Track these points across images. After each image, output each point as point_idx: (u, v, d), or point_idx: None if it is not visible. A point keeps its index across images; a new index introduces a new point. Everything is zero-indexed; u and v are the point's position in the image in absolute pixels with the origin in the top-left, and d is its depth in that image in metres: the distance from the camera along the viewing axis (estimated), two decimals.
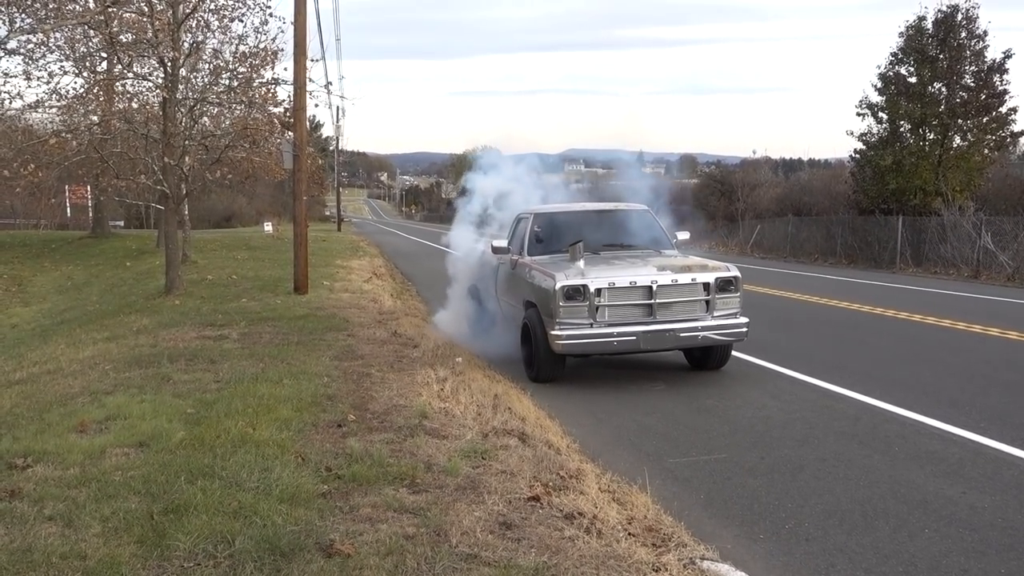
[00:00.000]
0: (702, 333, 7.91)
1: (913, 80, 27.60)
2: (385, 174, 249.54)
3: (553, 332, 7.69)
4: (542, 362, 8.13)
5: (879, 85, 28.19)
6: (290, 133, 15.82)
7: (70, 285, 24.08)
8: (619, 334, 7.73)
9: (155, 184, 15.84)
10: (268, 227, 39.84)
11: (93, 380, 7.88)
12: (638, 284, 7.82)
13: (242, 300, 14.19)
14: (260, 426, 5.66)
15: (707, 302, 8.00)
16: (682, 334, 7.86)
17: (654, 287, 7.80)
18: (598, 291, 7.73)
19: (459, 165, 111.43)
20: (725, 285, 8.06)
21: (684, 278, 7.94)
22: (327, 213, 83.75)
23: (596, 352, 8.01)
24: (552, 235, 8.89)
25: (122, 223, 52.82)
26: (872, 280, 20.38)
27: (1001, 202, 23.80)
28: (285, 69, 16.00)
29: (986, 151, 26.96)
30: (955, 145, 26.93)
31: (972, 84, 26.73)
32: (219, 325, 11.30)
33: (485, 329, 10.84)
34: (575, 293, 7.66)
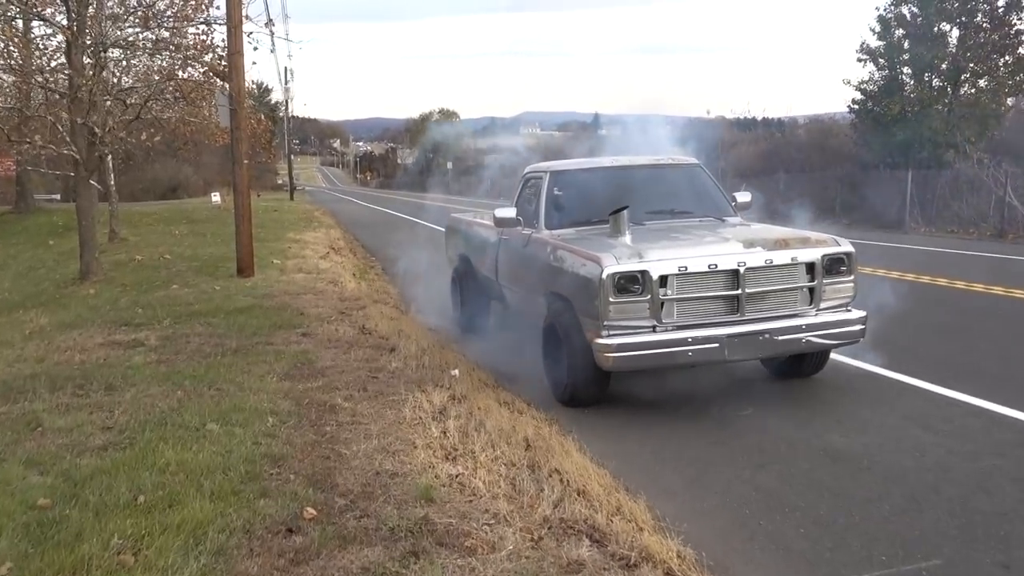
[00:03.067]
0: (806, 335, 5.60)
1: (919, 21, 25.26)
2: (338, 141, 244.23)
3: (600, 341, 5.35)
4: (580, 381, 5.79)
5: (878, 29, 25.98)
6: (225, 84, 13.11)
7: None
8: (695, 340, 5.39)
9: (63, 149, 13.05)
10: (216, 198, 36.75)
11: None
12: (720, 267, 5.48)
13: (172, 287, 11.61)
14: (151, 545, 3.25)
15: (811, 290, 5.70)
16: (780, 336, 5.55)
17: (741, 270, 5.51)
18: (663, 279, 5.35)
19: (416, 130, 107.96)
20: (834, 266, 5.76)
21: (781, 257, 5.62)
22: (279, 182, 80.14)
23: (662, 366, 5.69)
24: (577, 200, 6.53)
25: (59, 196, 48.87)
26: (888, 242, 18.44)
27: (1019, 152, 21.74)
28: (217, 8, 13.31)
29: (1003, 97, 24.90)
30: (968, 91, 24.82)
31: (986, 24, 24.54)
32: (136, 325, 8.77)
33: (476, 320, 8.48)
34: (630, 283, 5.31)
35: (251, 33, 13.62)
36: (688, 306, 5.47)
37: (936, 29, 24.98)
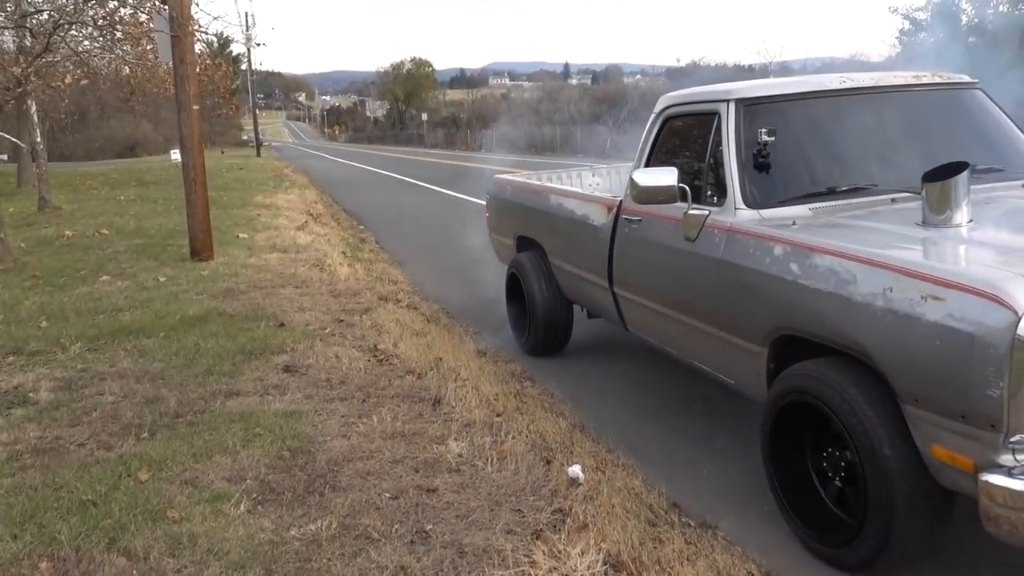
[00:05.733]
0: None
1: None
2: (303, 94, 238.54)
3: (997, 481, 2.28)
4: (903, 534, 2.66)
5: None
6: (164, 6, 9.83)
7: None
8: None
9: None
10: (176, 156, 33.15)
11: None
12: None
13: (102, 278, 8.52)
14: None
15: None
16: None
17: None
18: None
19: (388, 81, 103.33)
20: None
21: None
22: (244, 138, 75.89)
23: None
24: (802, 153, 3.51)
25: (6, 157, 44.43)
26: None
27: None
28: None
29: None
30: None
31: None
32: (29, 354, 5.74)
33: (550, 335, 5.55)
34: None
35: None
36: None
37: None
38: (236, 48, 71.82)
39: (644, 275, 4.13)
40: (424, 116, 73.88)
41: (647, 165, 4.26)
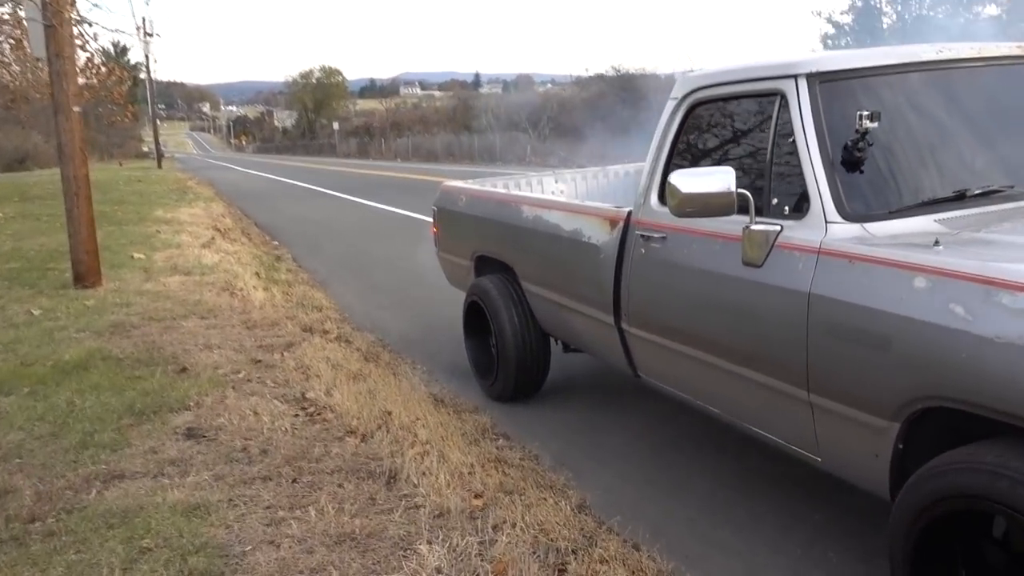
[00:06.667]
0: None
1: None
2: (207, 104, 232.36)
3: None
4: None
5: None
6: None
7: None
8: None
9: None
10: None
11: None
12: None
13: None
14: None
15: None
16: None
17: None
18: None
19: (297, 91, 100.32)
20: None
21: None
22: (145, 150, 72.29)
23: None
24: (913, 143, 2.54)
25: None
26: None
27: None
28: None
29: None
30: None
31: None
32: None
33: (523, 376, 4.48)
34: None
35: None
36: None
37: None
38: (134, 56, 68.65)
39: (673, 310, 3.11)
40: (336, 125, 71.88)
41: (667, 167, 3.26)
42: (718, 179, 2.61)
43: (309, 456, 3.74)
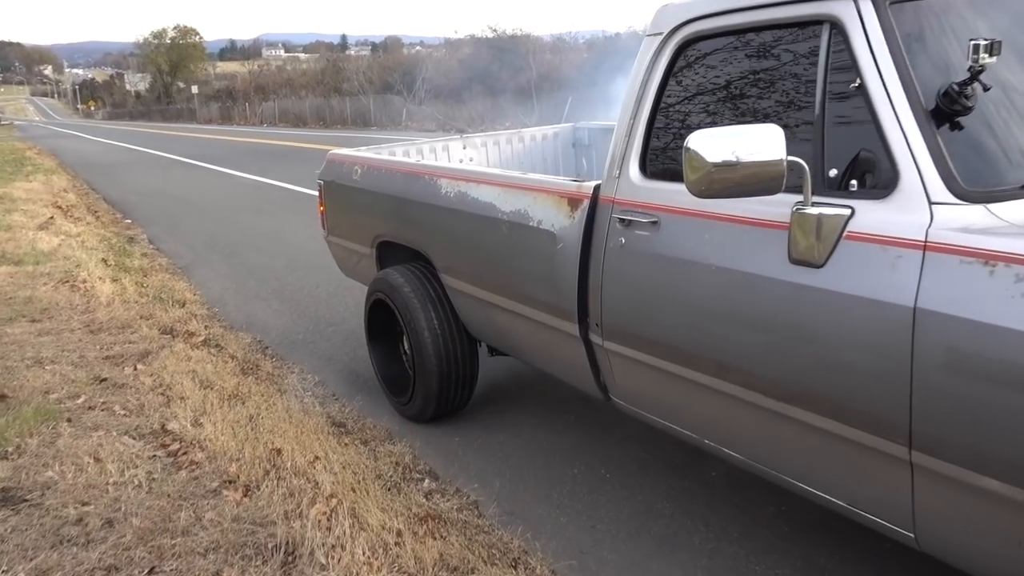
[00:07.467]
0: None
1: None
2: (49, 67, 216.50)
3: None
4: None
5: None
6: None
7: None
8: None
9: None
10: None
11: None
12: None
13: None
14: None
15: None
16: None
17: None
18: None
19: (147, 53, 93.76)
20: None
21: None
22: None
23: None
24: None
25: None
26: None
27: None
28: None
29: None
30: None
31: None
32: None
33: (442, 390, 3.58)
34: None
35: None
36: None
37: None
38: None
39: (673, 324, 2.28)
40: (195, 89, 67.51)
41: (651, 127, 2.43)
42: (762, 140, 1.80)
43: (173, 528, 2.76)
